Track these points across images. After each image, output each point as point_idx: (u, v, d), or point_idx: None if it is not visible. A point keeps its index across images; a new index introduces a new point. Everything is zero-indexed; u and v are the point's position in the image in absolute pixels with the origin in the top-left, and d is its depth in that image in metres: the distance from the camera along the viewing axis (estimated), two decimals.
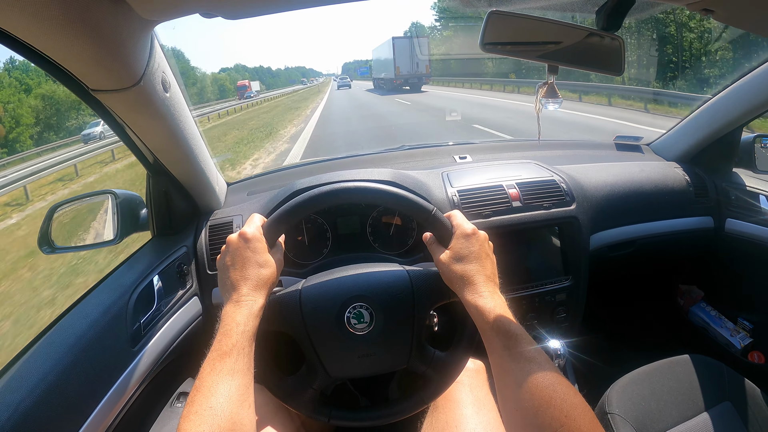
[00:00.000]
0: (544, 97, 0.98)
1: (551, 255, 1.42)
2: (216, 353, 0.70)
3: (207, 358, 0.70)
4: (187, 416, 0.63)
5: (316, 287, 0.90)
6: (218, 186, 1.42)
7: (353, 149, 9.28)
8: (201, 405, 0.64)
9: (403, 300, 0.88)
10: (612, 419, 1.18)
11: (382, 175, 1.33)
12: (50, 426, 0.80)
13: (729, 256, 1.80)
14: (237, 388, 0.67)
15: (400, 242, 1.34)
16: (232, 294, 0.78)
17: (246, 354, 0.72)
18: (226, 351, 0.70)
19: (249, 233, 0.82)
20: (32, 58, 0.73)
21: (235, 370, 0.69)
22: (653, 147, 1.98)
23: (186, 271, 1.26)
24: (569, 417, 0.63)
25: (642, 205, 1.61)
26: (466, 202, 1.34)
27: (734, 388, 1.31)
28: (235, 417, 0.64)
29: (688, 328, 1.95)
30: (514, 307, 0.80)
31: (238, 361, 0.70)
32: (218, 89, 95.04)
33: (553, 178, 1.45)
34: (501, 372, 0.74)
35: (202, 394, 0.65)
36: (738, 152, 1.76)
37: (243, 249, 0.81)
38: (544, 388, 0.66)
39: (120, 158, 15.14)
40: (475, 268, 0.83)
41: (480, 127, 11.38)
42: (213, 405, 0.64)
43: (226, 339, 0.71)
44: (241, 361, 0.70)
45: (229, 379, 0.68)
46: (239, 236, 0.82)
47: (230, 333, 0.72)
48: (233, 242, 0.83)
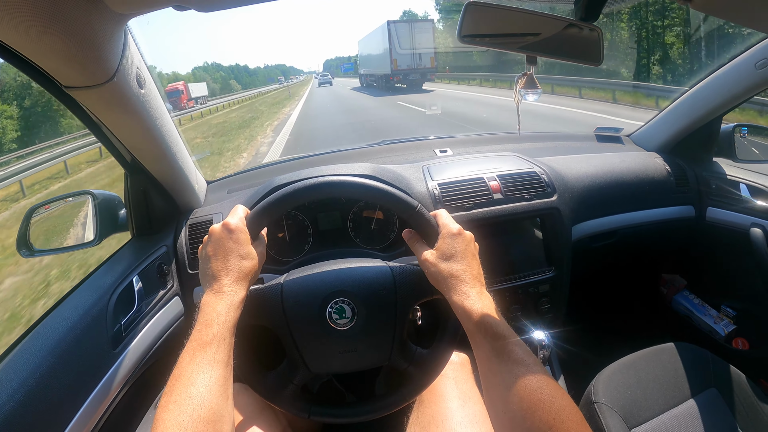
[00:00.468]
0: (523, 88, 0.98)
1: (534, 246, 1.42)
2: (196, 342, 0.69)
3: (186, 347, 0.69)
4: (166, 405, 0.62)
5: (298, 281, 0.89)
6: (198, 184, 1.40)
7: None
8: (180, 394, 0.63)
9: (385, 296, 0.87)
10: (598, 408, 1.19)
11: (362, 169, 1.32)
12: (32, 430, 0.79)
13: (711, 245, 1.82)
14: (217, 378, 0.66)
15: (381, 237, 1.34)
16: (213, 284, 0.77)
17: (226, 345, 0.71)
18: (207, 341, 0.69)
19: (232, 224, 0.81)
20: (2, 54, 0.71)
21: (216, 361, 0.68)
22: (633, 138, 1.99)
23: (166, 271, 1.24)
24: (557, 419, 0.62)
25: (623, 195, 1.62)
26: (447, 196, 1.34)
27: (719, 374, 1.32)
28: (214, 407, 0.63)
29: (672, 316, 1.97)
30: (497, 300, 0.80)
31: (218, 351, 0.69)
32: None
33: (534, 170, 1.45)
34: (489, 374, 0.73)
35: (181, 383, 0.64)
36: (718, 142, 1.78)
37: (226, 239, 0.80)
38: (533, 390, 0.66)
39: (107, 156, 14.95)
40: (462, 268, 0.82)
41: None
42: (193, 395, 0.63)
43: (206, 329, 0.70)
44: (222, 352, 0.69)
45: (210, 369, 0.67)
46: (222, 226, 0.81)
47: (211, 323, 0.71)
48: (216, 232, 0.81)
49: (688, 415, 1.24)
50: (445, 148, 1.74)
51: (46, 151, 14.89)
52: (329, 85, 53.11)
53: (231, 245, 0.80)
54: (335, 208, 1.33)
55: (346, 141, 11.75)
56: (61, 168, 13.57)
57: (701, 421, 1.23)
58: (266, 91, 55.06)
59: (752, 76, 1.45)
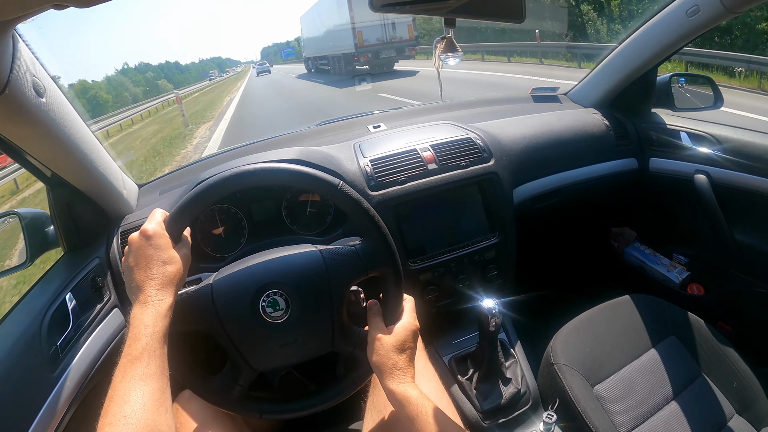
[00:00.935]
0: (443, 53, 0.95)
1: (475, 214, 1.39)
2: (126, 359, 0.67)
3: (118, 365, 0.68)
4: (102, 428, 0.60)
5: (227, 279, 0.86)
6: (126, 189, 1.34)
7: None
8: (115, 415, 0.61)
9: (318, 282, 0.85)
10: (559, 369, 1.17)
11: (288, 154, 1.28)
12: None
13: (657, 195, 1.83)
14: (151, 393, 0.65)
15: (318, 221, 1.30)
16: (138, 295, 0.75)
17: (158, 356, 0.69)
18: (137, 355, 0.67)
19: (150, 230, 0.78)
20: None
21: (148, 375, 0.66)
22: (570, 96, 1.98)
23: (101, 284, 1.18)
24: None
25: (563, 154, 1.61)
26: (380, 171, 1.30)
27: (677, 322, 1.34)
28: (151, 424, 0.62)
29: (625, 269, 1.98)
30: (443, 271, 0.78)
31: (149, 364, 0.67)
32: (115, 96, 71.05)
33: (469, 136, 1.42)
34: None
35: (115, 403, 0.63)
36: (655, 93, 1.78)
37: (145, 247, 0.77)
38: None
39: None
40: (408, 363, 0.84)
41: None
42: (127, 413, 0.61)
43: (135, 343, 0.68)
44: (153, 365, 0.68)
45: (142, 384, 0.65)
46: (140, 234, 0.79)
47: (139, 336, 0.69)
48: (135, 241, 0.79)
49: (650, 365, 1.24)
50: (378, 124, 1.70)
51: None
52: (268, 74, 51.23)
53: (151, 252, 0.77)
54: (268, 197, 1.29)
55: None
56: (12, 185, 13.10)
57: (664, 370, 1.23)
58: (188, 92, 38.83)
59: (684, 24, 1.45)
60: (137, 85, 68.57)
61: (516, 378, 1.23)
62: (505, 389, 1.19)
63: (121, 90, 55.49)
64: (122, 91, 53.83)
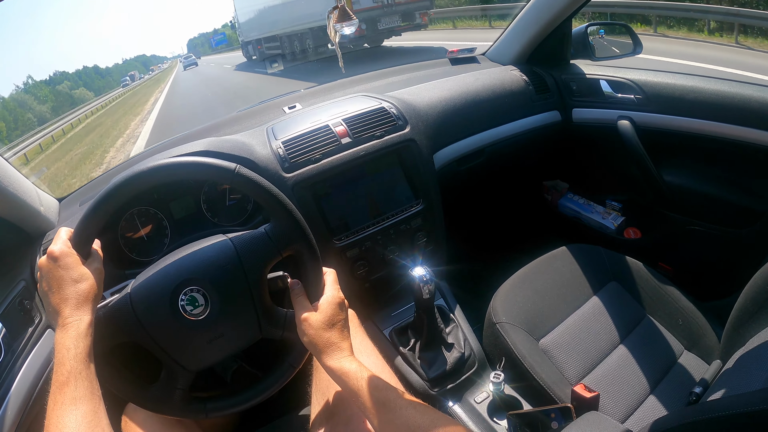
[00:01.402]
0: (337, 23, 0.91)
1: (396, 183, 1.36)
2: (55, 385, 0.67)
3: (50, 392, 0.67)
4: None
5: (143, 285, 0.83)
6: (43, 206, 1.27)
7: None
8: None
9: (232, 271, 0.83)
10: (501, 328, 1.14)
11: (197, 146, 1.23)
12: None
13: (583, 144, 1.84)
14: (83, 416, 0.64)
15: (240, 210, 1.26)
16: (57, 319, 0.73)
17: (84, 378, 0.68)
18: (63, 381, 0.66)
19: (57, 251, 0.77)
20: None
21: (77, 398, 0.65)
22: (488, 56, 1.96)
23: (29, 306, 1.11)
24: None
25: (482, 113, 1.59)
26: (293, 152, 1.26)
27: (616, 267, 1.34)
28: None
29: (561, 221, 1.99)
30: (370, 245, 0.72)
31: (77, 388, 0.66)
32: (12, 122, 53.43)
33: (382, 106, 1.39)
34: (382, 426, 0.73)
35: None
36: (572, 44, 1.79)
37: (54, 269, 0.76)
38: (431, 428, 0.67)
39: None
40: (340, 337, 0.83)
41: None
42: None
43: (60, 368, 0.68)
44: (81, 387, 0.67)
45: (73, 408, 0.64)
46: (47, 257, 0.77)
47: (63, 360, 0.68)
48: (44, 265, 0.77)
49: (594, 313, 1.24)
50: (293, 104, 1.65)
51: None
52: (195, 66, 48.86)
53: (61, 273, 0.76)
54: (186, 193, 1.24)
55: None
56: None
57: (608, 316, 1.24)
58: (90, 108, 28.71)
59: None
60: (42, 102, 59.54)
61: (459, 342, 1.20)
62: (449, 354, 1.16)
63: (21, 113, 48.11)
64: (22, 113, 47.17)
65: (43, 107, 53.79)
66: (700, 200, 1.54)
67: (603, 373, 1.10)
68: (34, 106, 51.41)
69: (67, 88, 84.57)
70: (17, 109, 54.19)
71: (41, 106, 54.18)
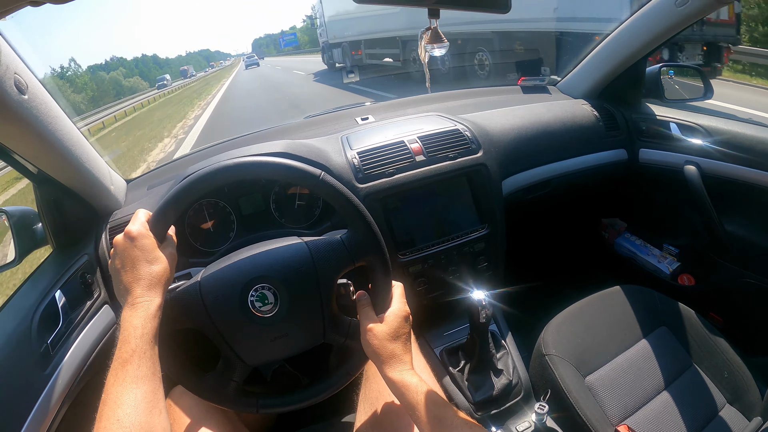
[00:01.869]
0: (428, 44, 0.95)
1: (464, 205, 1.39)
2: (117, 362, 0.67)
3: (110, 368, 0.68)
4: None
5: (215, 276, 0.86)
6: (114, 185, 1.33)
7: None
8: (108, 419, 0.62)
9: (305, 273, 0.85)
10: (550, 360, 1.17)
11: (274, 147, 1.26)
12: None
13: (646, 185, 1.83)
14: (144, 395, 0.65)
15: (307, 214, 1.29)
16: (126, 297, 0.75)
17: (148, 358, 0.69)
18: (127, 358, 0.67)
19: (134, 231, 0.78)
20: None
21: (139, 377, 0.66)
22: (560, 87, 1.97)
23: (91, 281, 1.17)
24: None
25: (552, 144, 1.60)
26: (368, 164, 1.29)
27: (668, 312, 1.34)
28: (145, 426, 0.62)
29: (616, 260, 1.98)
30: (433, 263, 0.77)
31: (140, 367, 0.67)
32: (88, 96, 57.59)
33: (457, 128, 1.41)
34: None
35: (108, 407, 0.63)
36: (645, 83, 1.78)
37: (130, 249, 0.77)
38: None
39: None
40: (403, 350, 0.84)
41: None
42: (120, 417, 0.62)
43: (125, 346, 0.69)
44: (144, 366, 0.68)
45: (134, 387, 0.65)
46: (124, 236, 0.79)
47: (129, 338, 0.69)
48: (120, 243, 0.79)
49: (641, 356, 1.24)
50: (366, 116, 1.69)
51: None
52: (256, 66, 48.60)
53: (137, 253, 0.77)
54: (256, 190, 1.28)
55: None
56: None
57: (655, 360, 1.23)
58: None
59: (673, 14, 1.45)
60: (77, 92, 57.07)
61: (507, 369, 1.22)
62: (497, 380, 1.19)
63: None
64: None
65: (78, 97, 51.05)
66: (759, 253, 1.52)
67: (645, 417, 1.11)
68: (68, 95, 49.65)
69: (121, 75, 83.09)
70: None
71: (76, 96, 52.02)
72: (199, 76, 61.32)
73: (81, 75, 72.82)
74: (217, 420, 0.99)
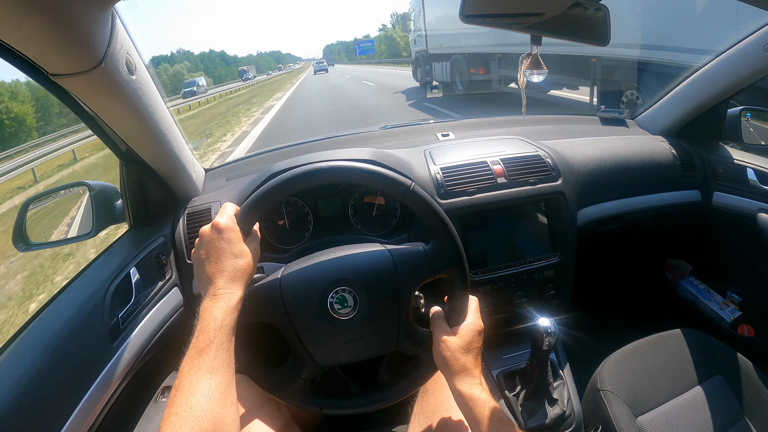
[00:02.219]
0: (528, 69, 0.96)
1: (538, 232, 1.40)
2: (194, 350, 0.69)
3: (186, 356, 0.69)
4: (167, 418, 0.62)
5: (296, 274, 0.87)
6: (195, 172, 1.38)
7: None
8: (181, 405, 0.62)
9: (386, 280, 0.86)
10: (604, 396, 1.18)
11: (362, 154, 1.29)
12: (30, 428, 0.78)
13: (717, 230, 1.80)
14: (217, 385, 0.66)
15: (383, 223, 1.32)
16: (208, 288, 0.76)
17: (225, 350, 0.70)
18: (204, 347, 0.68)
19: (222, 223, 0.79)
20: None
21: (214, 368, 0.67)
22: (638, 121, 1.95)
23: (164, 262, 1.22)
24: None
25: (629, 179, 1.60)
26: (450, 180, 1.32)
27: (725, 361, 1.32)
28: (216, 416, 0.63)
29: (677, 302, 1.95)
30: (502, 285, 0.79)
31: (216, 357, 0.68)
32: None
33: (539, 153, 1.42)
34: None
35: (181, 394, 0.64)
36: (724, 125, 1.75)
37: (216, 240, 0.78)
38: None
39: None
40: (474, 363, 0.84)
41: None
42: (193, 405, 0.62)
43: (203, 335, 0.70)
44: (220, 358, 0.69)
45: (209, 377, 0.66)
46: (212, 227, 0.80)
47: (207, 329, 0.70)
48: (206, 234, 0.80)
49: (693, 403, 1.23)
50: (447, 132, 1.71)
51: (59, 139, 15.11)
52: (325, 72, 48.11)
53: (223, 245, 0.78)
54: (336, 195, 1.32)
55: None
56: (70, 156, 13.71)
57: (707, 408, 1.22)
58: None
59: (760, 58, 1.42)
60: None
61: (562, 399, 1.23)
62: (551, 410, 1.19)
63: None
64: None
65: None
66: None
67: None
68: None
69: (185, 69, 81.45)
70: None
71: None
72: (260, 80, 54.86)
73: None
74: (271, 413, 1.00)
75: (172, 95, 31.56)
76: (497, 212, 1.34)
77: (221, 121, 16.67)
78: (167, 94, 36.38)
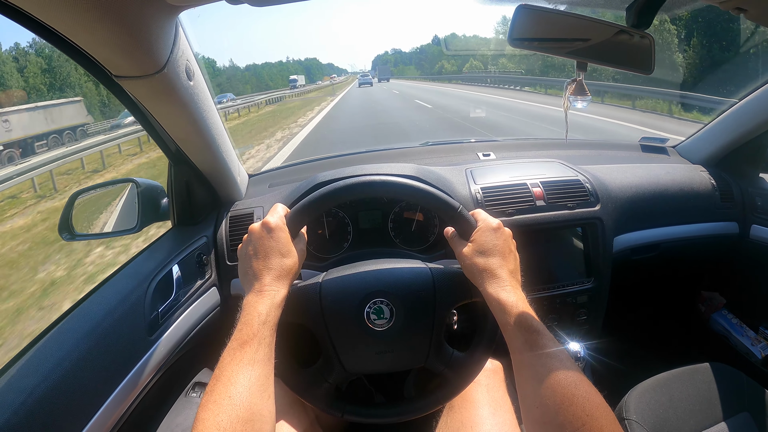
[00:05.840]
0: (572, 95, 0.96)
1: (574, 256, 1.40)
2: (236, 342, 0.70)
3: (227, 347, 0.70)
4: (206, 405, 0.63)
5: (337, 281, 0.89)
6: (240, 177, 1.42)
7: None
8: (220, 394, 0.64)
9: (424, 298, 0.87)
10: (629, 425, 1.17)
11: (405, 170, 1.31)
12: (64, 412, 0.81)
13: (753, 264, 1.76)
14: (257, 378, 0.67)
15: (421, 238, 1.34)
16: (254, 284, 0.78)
17: (267, 344, 0.72)
18: (246, 340, 0.70)
19: (272, 223, 0.82)
20: (55, 42, 0.73)
21: (255, 360, 0.69)
22: (679, 149, 1.93)
23: (205, 261, 1.26)
24: (591, 416, 0.62)
25: (667, 208, 1.58)
26: (490, 200, 1.33)
27: (753, 398, 1.30)
28: (254, 407, 0.64)
29: (709, 335, 1.92)
30: (534, 308, 0.79)
31: (258, 350, 0.70)
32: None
33: (578, 178, 1.43)
34: (522, 367, 0.73)
35: (221, 383, 0.65)
36: (765, 157, 1.72)
37: (266, 238, 0.80)
38: (566, 385, 0.65)
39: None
40: (499, 262, 0.82)
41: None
42: (232, 394, 0.64)
43: (246, 328, 0.71)
44: (262, 351, 0.70)
45: (249, 368, 0.67)
46: (262, 226, 0.82)
47: (251, 322, 0.72)
48: (256, 231, 0.82)
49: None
50: (488, 152, 1.73)
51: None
52: (369, 86, 46.34)
53: (272, 244, 0.80)
54: (376, 208, 1.34)
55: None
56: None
57: None
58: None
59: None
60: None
61: None
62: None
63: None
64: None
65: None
66: None
67: None
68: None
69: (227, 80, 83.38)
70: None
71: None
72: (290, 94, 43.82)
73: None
74: (298, 415, 1.02)
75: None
76: (534, 234, 1.34)
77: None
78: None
